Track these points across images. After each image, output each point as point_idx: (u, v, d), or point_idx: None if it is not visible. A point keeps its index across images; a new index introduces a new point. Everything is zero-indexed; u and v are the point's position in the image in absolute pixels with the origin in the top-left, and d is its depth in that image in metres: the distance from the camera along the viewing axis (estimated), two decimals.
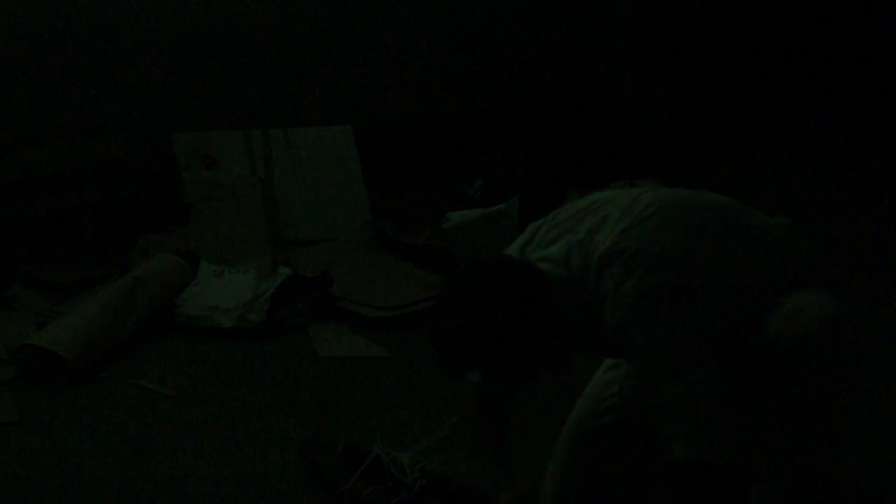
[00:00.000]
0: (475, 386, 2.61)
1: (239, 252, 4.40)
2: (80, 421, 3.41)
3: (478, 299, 2.33)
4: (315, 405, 3.49)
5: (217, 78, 5.10)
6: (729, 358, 2.37)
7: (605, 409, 2.70)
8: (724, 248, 2.42)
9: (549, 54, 5.99)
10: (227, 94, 5.12)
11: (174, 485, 3.05)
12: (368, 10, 5.48)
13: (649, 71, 6.04)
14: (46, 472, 3.12)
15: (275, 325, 4.00)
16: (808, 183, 5.43)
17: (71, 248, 4.51)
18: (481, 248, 4.58)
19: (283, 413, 3.44)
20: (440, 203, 4.97)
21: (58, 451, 3.23)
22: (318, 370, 3.75)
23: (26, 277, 4.25)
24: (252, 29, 5.18)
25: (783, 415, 2.39)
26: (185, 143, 4.87)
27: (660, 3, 6.19)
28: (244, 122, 5.02)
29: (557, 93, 5.60)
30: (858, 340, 2.43)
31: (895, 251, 4.61)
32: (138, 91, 4.92)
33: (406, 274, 4.41)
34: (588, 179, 5.19)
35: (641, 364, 2.38)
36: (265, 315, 4.00)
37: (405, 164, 5.45)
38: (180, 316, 4.04)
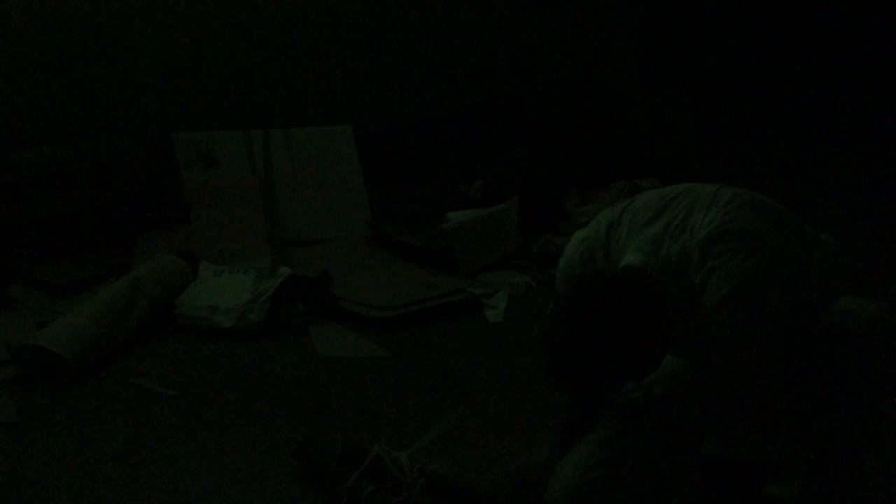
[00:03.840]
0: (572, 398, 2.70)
1: (239, 252, 4.40)
2: (80, 421, 3.40)
3: (599, 315, 2.34)
4: (314, 405, 3.49)
5: (217, 78, 5.10)
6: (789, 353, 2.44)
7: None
8: (798, 246, 2.52)
9: (550, 54, 6.00)
10: (227, 94, 5.13)
11: (173, 485, 3.05)
12: (369, 10, 5.48)
13: (649, 71, 6.04)
14: (46, 471, 3.12)
15: (275, 325, 4.01)
16: (808, 182, 5.43)
17: (71, 248, 4.50)
18: (481, 248, 4.59)
19: (282, 413, 3.44)
20: (440, 203, 4.97)
21: (58, 451, 3.22)
22: (318, 370, 3.75)
23: (26, 277, 4.25)
24: (252, 29, 5.18)
25: (825, 410, 2.50)
26: (185, 143, 4.87)
27: (659, 3, 6.19)
28: (244, 122, 5.02)
29: (557, 93, 5.61)
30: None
31: (895, 251, 4.61)
32: (138, 91, 4.93)
33: (406, 274, 4.41)
34: (588, 179, 5.20)
35: (727, 346, 2.39)
36: (265, 315, 4.00)
37: (405, 164, 5.45)
38: (180, 316, 4.04)
